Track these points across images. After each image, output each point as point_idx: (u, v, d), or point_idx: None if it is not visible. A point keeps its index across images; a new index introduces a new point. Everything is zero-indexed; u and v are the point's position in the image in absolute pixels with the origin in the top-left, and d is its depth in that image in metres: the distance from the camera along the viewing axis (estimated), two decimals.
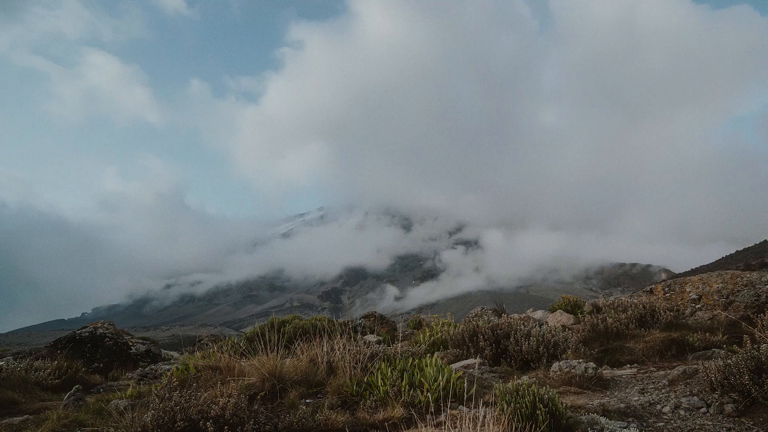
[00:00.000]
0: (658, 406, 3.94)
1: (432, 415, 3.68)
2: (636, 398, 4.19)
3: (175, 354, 10.29)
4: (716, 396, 3.84)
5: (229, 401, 3.47)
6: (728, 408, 3.65)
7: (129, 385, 5.87)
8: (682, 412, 3.76)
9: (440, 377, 4.05)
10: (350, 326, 9.99)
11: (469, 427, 2.74)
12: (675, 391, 4.18)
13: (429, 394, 3.87)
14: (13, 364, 6.39)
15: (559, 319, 8.72)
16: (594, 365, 4.75)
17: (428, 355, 5.26)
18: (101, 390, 5.98)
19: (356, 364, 4.60)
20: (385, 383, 4.14)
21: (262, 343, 4.76)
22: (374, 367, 4.52)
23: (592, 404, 3.92)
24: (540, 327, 6.08)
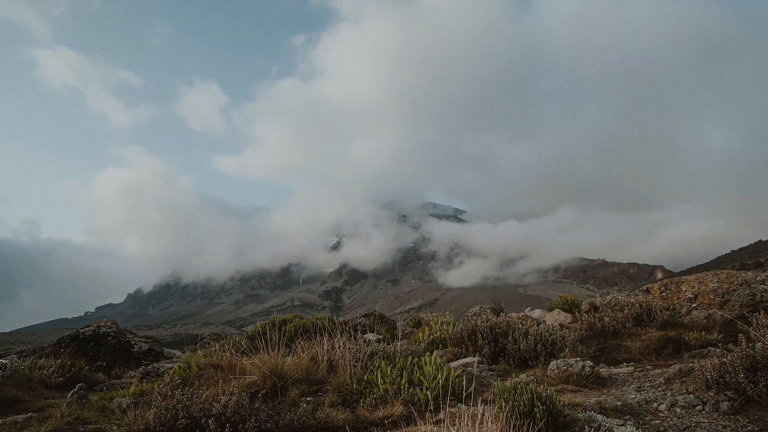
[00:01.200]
0: (655, 404, 3.97)
1: (431, 412, 3.71)
2: (633, 396, 4.22)
3: (178, 352, 10.33)
4: (712, 394, 3.88)
5: (230, 399, 3.51)
6: (724, 406, 3.68)
7: (132, 383, 5.90)
8: (678, 410, 3.79)
9: (439, 375, 4.09)
10: (350, 325, 10.05)
11: (467, 425, 2.76)
12: (671, 389, 4.22)
13: (428, 392, 3.90)
14: (17, 362, 6.43)
15: (556, 318, 8.76)
16: (591, 363, 4.79)
17: (427, 353, 5.30)
18: (104, 388, 6.01)
19: (356, 362, 4.63)
20: (384, 381, 4.18)
21: (264, 342, 4.80)
22: (374, 366, 4.56)
23: (590, 402, 3.96)
24: (538, 326, 6.11)
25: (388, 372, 4.31)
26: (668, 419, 3.67)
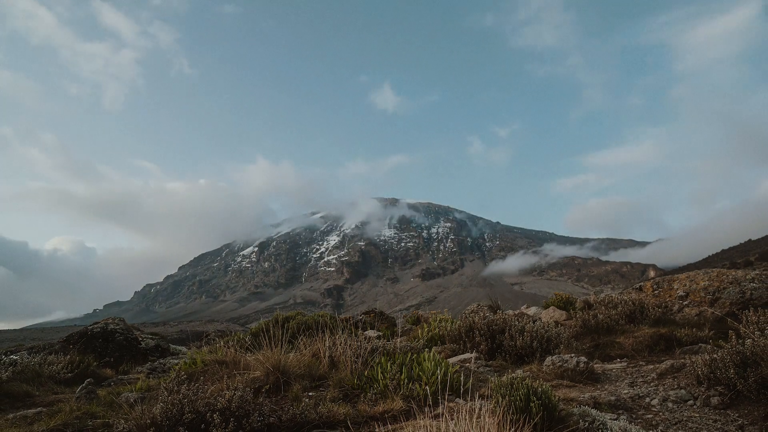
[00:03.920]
0: (647, 399, 4.03)
1: (430, 407, 3.77)
2: (626, 391, 4.29)
3: (183, 349, 10.44)
4: (703, 389, 3.93)
5: (234, 394, 3.56)
6: (714, 400, 3.74)
7: (139, 378, 6.01)
8: (670, 405, 3.85)
9: (438, 371, 4.16)
10: (351, 322, 10.16)
11: (465, 419, 2.79)
12: (663, 385, 4.28)
13: (427, 387, 3.98)
14: (28, 358, 6.55)
15: (552, 315, 8.85)
16: (585, 359, 4.85)
17: (426, 349, 5.36)
18: (112, 383, 6.12)
19: (357, 358, 4.71)
20: (384, 377, 4.25)
21: (267, 339, 4.89)
22: (374, 362, 4.63)
23: (584, 397, 4.03)
24: (534, 323, 6.18)
25: (388, 368, 4.38)
26: (660, 414, 3.73)
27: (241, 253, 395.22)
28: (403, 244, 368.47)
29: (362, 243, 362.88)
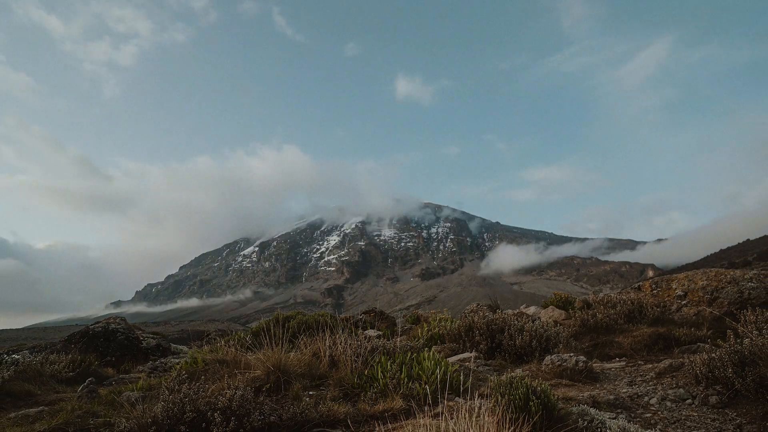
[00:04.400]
0: (646, 398, 4.06)
1: (430, 406, 3.79)
2: (624, 390, 4.32)
3: (184, 348, 10.45)
4: (701, 388, 3.95)
5: (235, 393, 3.59)
6: (713, 399, 3.76)
7: (140, 377, 6.05)
8: (668, 404, 3.87)
9: (437, 370, 4.18)
10: (351, 322, 10.20)
11: (465, 418, 2.80)
12: (662, 384, 4.31)
13: (427, 386, 4.00)
14: (30, 357, 6.58)
15: (551, 314, 8.87)
16: (584, 359, 4.87)
17: (426, 349, 5.39)
18: (113, 382, 6.16)
19: (357, 357, 4.73)
20: (385, 376, 4.27)
21: (268, 338, 4.92)
22: (374, 361, 4.65)
23: (583, 396, 4.05)
24: (533, 322, 6.21)
25: (388, 367, 4.40)
26: (659, 413, 3.74)
27: (241, 253, 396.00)
28: (403, 244, 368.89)
29: (362, 243, 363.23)
